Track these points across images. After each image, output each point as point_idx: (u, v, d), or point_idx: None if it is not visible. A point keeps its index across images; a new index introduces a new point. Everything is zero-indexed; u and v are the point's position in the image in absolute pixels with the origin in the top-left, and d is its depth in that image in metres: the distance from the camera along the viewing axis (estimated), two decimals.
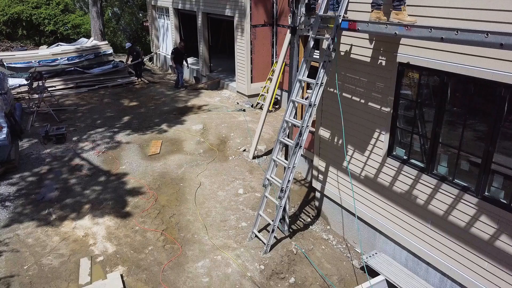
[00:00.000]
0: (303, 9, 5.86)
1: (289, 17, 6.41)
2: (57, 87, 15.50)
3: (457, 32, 4.15)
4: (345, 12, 5.59)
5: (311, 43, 6.04)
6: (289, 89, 6.46)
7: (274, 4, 13.18)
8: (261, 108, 13.55)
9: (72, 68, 16.51)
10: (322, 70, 5.78)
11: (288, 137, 6.50)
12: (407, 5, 5.16)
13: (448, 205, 5.37)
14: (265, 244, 6.44)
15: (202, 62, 16.54)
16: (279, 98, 13.70)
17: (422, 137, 5.68)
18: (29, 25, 26.06)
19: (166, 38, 20.20)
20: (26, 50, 20.75)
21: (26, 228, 7.09)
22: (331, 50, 5.69)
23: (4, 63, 16.43)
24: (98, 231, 7.03)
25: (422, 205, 5.73)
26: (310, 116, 5.93)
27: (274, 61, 13.71)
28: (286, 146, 6.70)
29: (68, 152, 10.05)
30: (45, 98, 13.15)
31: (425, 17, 5.07)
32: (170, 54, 15.55)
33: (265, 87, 13.72)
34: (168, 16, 18.95)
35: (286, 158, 6.68)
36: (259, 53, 13.57)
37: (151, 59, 21.82)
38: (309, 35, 6.06)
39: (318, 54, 7.18)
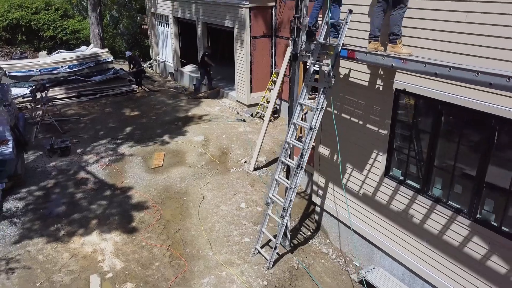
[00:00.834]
0: (304, 37, 6.12)
1: (290, 42, 6.67)
2: (59, 96, 15.69)
3: (450, 69, 4.43)
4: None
5: (312, 69, 6.31)
6: (290, 112, 6.73)
7: (273, 15, 13.44)
8: (260, 117, 13.82)
9: (74, 77, 16.70)
10: (322, 95, 6.04)
11: (289, 157, 6.76)
12: (404, 35, 5.42)
13: (443, 225, 5.64)
14: (267, 260, 6.71)
15: None
16: (278, 107, 13.96)
17: (417, 160, 5.95)
18: (29, 31, 26.19)
19: (165, 45, 20.40)
20: (26, 57, 20.89)
21: (36, 244, 7.32)
22: (330, 76, 5.96)
23: (6, 72, 16.61)
24: (106, 247, 7.27)
25: (418, 224, 6.00)
26: (311, 138, 6.20)
27: (273, 72, 13.97)
28: (288, 165, 6.94)
29: (73, 165, 10.28)
30: (48, 108, 13.33)
31: (421, 48, 5.33)
32: (204, 56, 15.65)
33: (264, 96, 13.99)
34: (168, 23, 19.17)
35: (287, 177, 6.94)
36: (259, 64, 13.83)
37: (151, 66, 22.03)
38: (309, 61, 6.32)
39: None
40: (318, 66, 6.55)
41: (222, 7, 14.26)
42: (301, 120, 6.71)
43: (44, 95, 12.94)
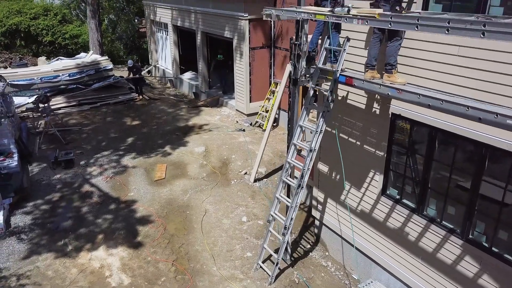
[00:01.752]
0: (303, 63, 6.38)
1: (289, 64, 6.92)
2: (60, 105, 15.88)
3: (442, 102, 4.70)
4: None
5: (311, 92, 6.57)
6: (290, 133, 6.98)
7: (272, 27, 13.68)
8: (259, 126, 14.08)
9: (74, 86, 16.90)
10: (321, 119, 6.31)
11: (290, 176, 7.03)
12: (400, 63, 5.69)
13: (437, 243, 5.93)
14: (269, 275, 6.98)
15: (201, 79, 16.99)
16: (277, 116, 14.22)
17: (413, 181, 6.23)
18: (27, 36, 26.32)
19: (165, 50, 20.57)
20: (26, 64, 21.05)
21: (45, 260, 7.55)
22: (329, 101, 6.22)
23: (8, 81, 16.78)
24: (113, 262, 7.52)
25: (413, 241, 6.28)
26: (311, 160, 6.46)
27: (272, 82, 14.23)
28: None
29: (77, 177, 10.51)
30: (50, 119, 13.53)
31: (416, 77, 5.60)
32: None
33: (263, 106, 14.25)
34: (167, 31, 19.37)
35: (288, 195, 7.21)
36: (258, 74, 14.08)
37: (149, 72, 22.22)
38: (309, 85, 6.59)
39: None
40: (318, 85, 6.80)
41: (221, 18, 14.48)
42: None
43: (46, 106, 13.13)
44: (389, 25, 4.27)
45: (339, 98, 7.07)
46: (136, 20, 31.93)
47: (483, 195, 5.25)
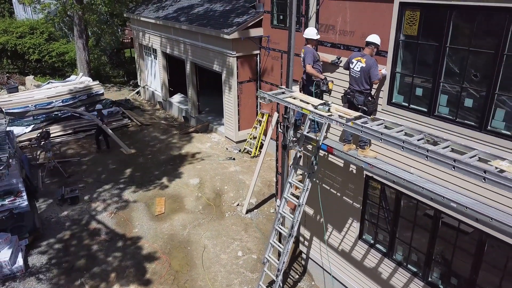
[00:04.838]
0: (291, 132, 7.53)
1: (279, 125, 8.04)
2: (57, 134, 16.64)
3: (404, 181, 5.92)
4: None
5: (298, 155, 7.72)
6: (282, 189, 8.13)
7: (258, 62, 14.78)
8: (247, 152, 15.20)
9: (69, 114, 17.65)
10: (307, 179, 7.47)
11: (282, 225, 8.18)
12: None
13: (404, 283, 7.19)
14: None
15: (191, 104, 17.96)
16: (263, 141, 15.34)
17: (384, 230, 7.46)
18: (14, 55, 26.72)
19: (154, 72, 21.42)
20: (16, 87, 21.63)
21: None
22: (314, 164, 7.38)
23: (3, 109, 17.41)
24: None
25: (385, 280, 7.54)
26: (299, 213, 7.61)
27: (259, 112, 15.35)
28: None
29: (83, 214, 11.43)
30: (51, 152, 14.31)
31: (387, 150, 6.79)
32: None
33: (251, 134, 15.37)
34: (156, 55, 20.23)
35: (280, 241, 8.37)
36: (245, 106, 15.18)
37: (138, 93, 23.04)
38: (296, 149, 7.74)
39: None
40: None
41: (210, 52, 15.49)
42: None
43: (47, 142, 13.92)
44: (361, 133, 5.45)
45: (321, 154, 8.25)
46: (119, 32, 32.51)
47: (438, 248, 6.51)
